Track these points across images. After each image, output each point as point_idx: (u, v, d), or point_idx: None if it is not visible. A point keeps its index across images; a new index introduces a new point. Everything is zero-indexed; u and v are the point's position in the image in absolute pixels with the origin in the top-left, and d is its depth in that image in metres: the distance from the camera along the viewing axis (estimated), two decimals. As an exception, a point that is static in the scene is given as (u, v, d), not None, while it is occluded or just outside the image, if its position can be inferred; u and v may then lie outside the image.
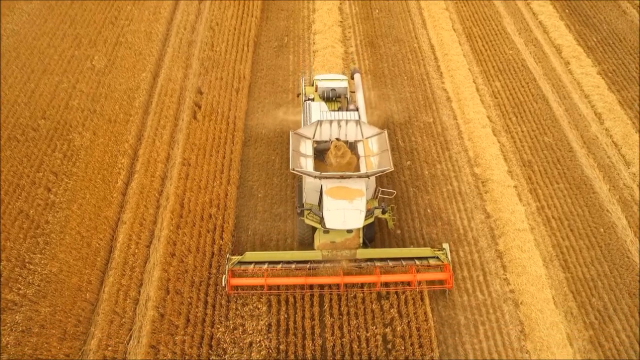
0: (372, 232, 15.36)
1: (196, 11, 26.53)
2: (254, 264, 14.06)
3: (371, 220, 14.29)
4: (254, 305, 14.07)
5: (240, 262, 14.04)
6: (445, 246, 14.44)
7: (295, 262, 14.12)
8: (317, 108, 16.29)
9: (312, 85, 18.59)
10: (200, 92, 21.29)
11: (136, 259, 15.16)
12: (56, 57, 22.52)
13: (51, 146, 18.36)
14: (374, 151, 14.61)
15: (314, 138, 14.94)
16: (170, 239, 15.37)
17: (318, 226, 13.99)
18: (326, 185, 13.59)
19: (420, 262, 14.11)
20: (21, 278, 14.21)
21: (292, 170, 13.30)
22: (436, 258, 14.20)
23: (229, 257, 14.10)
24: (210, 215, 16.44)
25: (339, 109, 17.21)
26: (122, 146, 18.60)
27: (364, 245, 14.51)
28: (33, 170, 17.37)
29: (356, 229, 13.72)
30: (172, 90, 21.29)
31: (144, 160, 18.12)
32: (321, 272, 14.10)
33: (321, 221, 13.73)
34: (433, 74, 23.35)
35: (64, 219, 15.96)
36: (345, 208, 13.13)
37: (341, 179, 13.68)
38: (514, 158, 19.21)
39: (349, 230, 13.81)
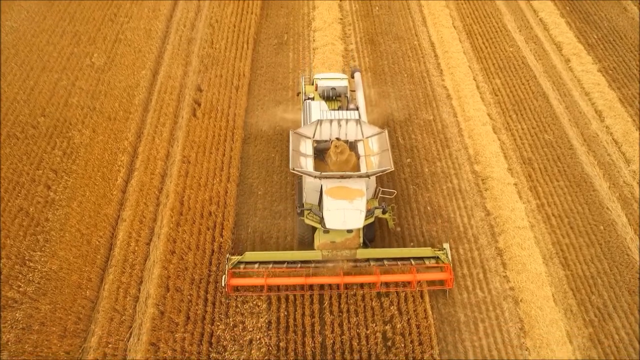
0: (372, 232, 15.32)
1: (196, 8, 26.46)
2: (258, 263, 14.07)
3: (371, 220, 14.25)
4: (254, 302, 14.09)
5: (240, 262, 14.06)
6: (446, 246, 14.42)
7: (295, 262, 14.11)
8: (317, 107, 16.22)
9: (312, 84, 18.52)
10: (200, 90, 21.26)
11: (136, 257, 15.16)
12: (55, 54, 22.47)
13: (51, 144, 18.35)
14: (374, 151, 14.55)
15: (314, 137, 14.87)
16: (170, 236, 15.38)
17: (318, 226, 13.95)
18: (326, 185, 13.53)
19: (416, 262, 14.10)
20: (21, 275, 14.21)
21: (292, 170, 13.25)
22: (437, 258, 14.19)
23: (228, 257, 14.09)
24: (210, 212, 16.43)
25: (339, 108, 17.11)
26: (121, 144, 18.58)
27: (364, 245, 14.49)
28: (33, 168, 17.35)
29: (356, 229, 13.70)
30: (171, 88, 21.25)
31: (144, 158, 18.10)
32: (321, 272, 14.09)
33: (321, 221, 13.69)
34: (433, 71, 23.31)
35: (63, 217, 15.96)
36: (346, 208, 13.07)
37: (341, 178, 13.62)
38: (514, 155, 19.19)
39: (349, 230, 13.78)
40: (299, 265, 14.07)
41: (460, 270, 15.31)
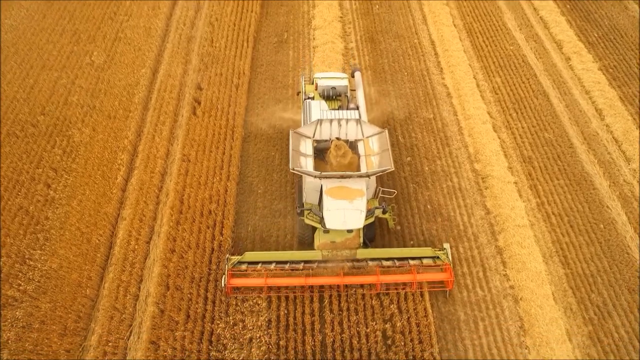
0: (372, 232, 15.30)
1: (195, 7, 26.42)
2: (260, 263, 14.06)
3: (371, 220, 14.23)
4: (254, 301, 14.09)
5: (240, 262, 14.05)
6: (446, 246, 14.41)
7: (295, 262, 14.09)
8: (317, 107, 16.19)
9: (312, 84, 18.49)
10: (200, 88, 21.24)
11: (136, 255, 15.17)
12: (55, 52, 22.44)
13: (50, 142, 18.33)
14: (375, 150, 14.51)
15: (314, 137, 14.83)
16: (170, 235, 15.38)
17: (318, 226, 13.94)
18: (326, 185, 13.50)
19: (414, 261, 14.10)
20: (21, 274, 14.22)
21: (292, 170, 13.23)
22: (437, 258, 14.18)
23: (228, 257, 14.08)
24: (210, 211, 16.43)
25: (339, 107, 17.07)
26: (121, 142, 18.57)
27: (364, 245, 14.48)
28: (32, 167, 17.35)
29: (356, 229, 13.68)
30: (171, 86, 21.23)
31: (144, 157, 18.09)
32: (321, 273, 14.08)
33: (321, 221, 13.67)
34: (433, 69, 23.28)
35: (63, 215, 15.96)
36: (346, 208, 13.05)
37: (341, 178, 13.58)
38: (514, 154, 19.18)
39: (349, 230, 13.76)
40: (300, 266, 14.04)
41: (460, 268, 15.31)
